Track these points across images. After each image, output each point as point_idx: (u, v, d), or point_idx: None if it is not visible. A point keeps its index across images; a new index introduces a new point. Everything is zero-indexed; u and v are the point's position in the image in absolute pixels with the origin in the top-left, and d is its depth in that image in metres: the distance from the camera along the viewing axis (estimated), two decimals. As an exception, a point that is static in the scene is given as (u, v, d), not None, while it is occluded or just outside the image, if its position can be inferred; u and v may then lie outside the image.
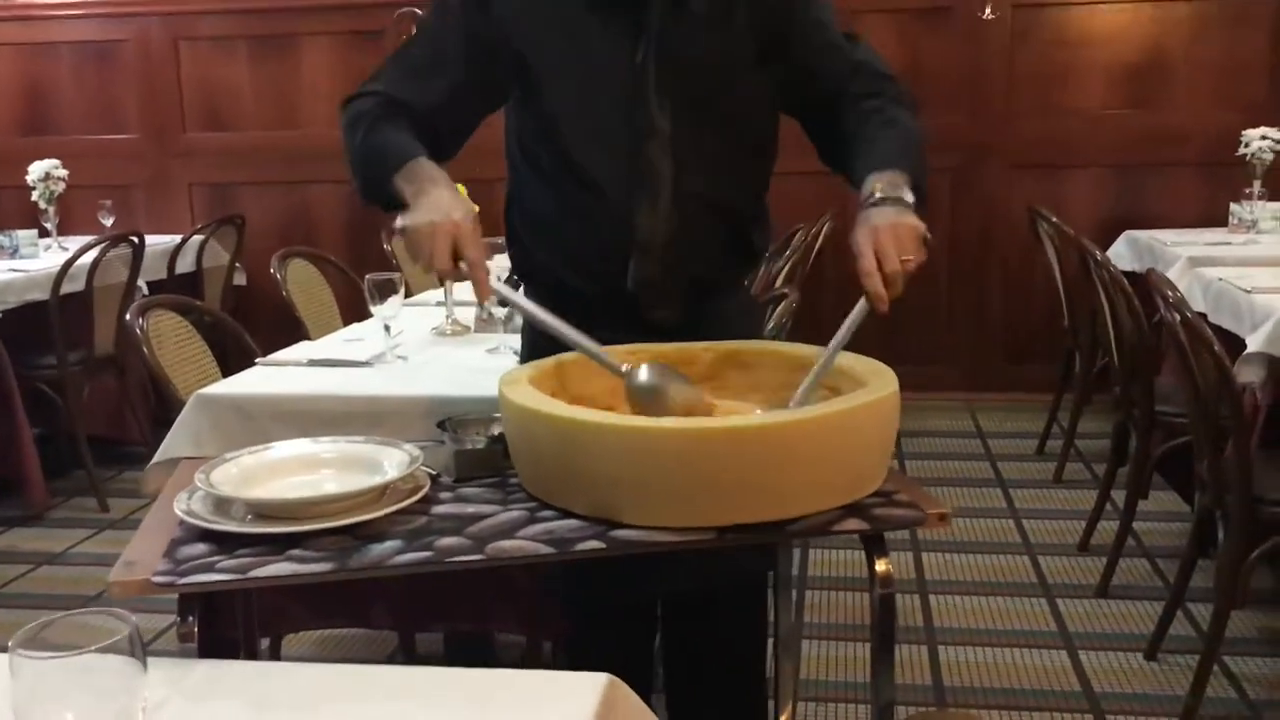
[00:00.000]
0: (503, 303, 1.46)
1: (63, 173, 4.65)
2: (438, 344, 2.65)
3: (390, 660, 2.68)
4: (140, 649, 0.80)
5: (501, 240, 1.86)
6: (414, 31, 1.72)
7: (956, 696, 2.59)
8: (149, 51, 5.32)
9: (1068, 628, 2.91)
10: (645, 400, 1.43)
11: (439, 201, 1.44)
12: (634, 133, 1.63)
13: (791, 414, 1.29)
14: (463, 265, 1.41)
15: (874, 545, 1.35)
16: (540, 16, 1.64)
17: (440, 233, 1.40)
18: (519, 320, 2.66)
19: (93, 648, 0.77)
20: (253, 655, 1.62)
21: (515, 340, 2.49)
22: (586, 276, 1.71)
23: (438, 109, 1.64)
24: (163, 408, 4.48)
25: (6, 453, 3.93)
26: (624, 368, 1.46)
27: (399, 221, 1.46)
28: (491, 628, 2.30)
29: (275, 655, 2.34)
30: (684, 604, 1.94)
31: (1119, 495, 3.26)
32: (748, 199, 1.77)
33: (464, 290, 3.00)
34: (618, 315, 1.67)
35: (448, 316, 2.77)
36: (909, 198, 1.47)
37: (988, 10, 4.76)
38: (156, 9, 5.27)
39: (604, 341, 1.51)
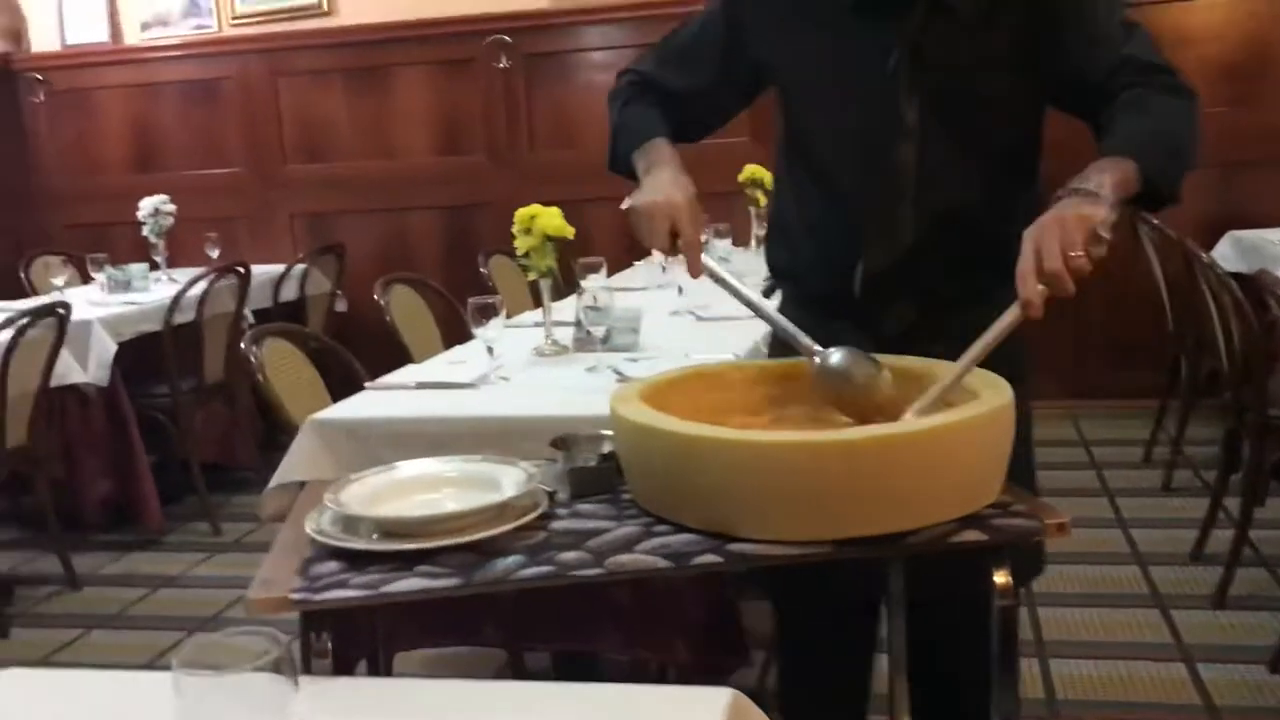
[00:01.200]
0: (714, 278, 1.54)
1: (171, 207, 4.81)
2: (538, 364, 2.68)
3: (498, 678, 2.72)
4: (293, 667, 0.83)
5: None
6: (681, 24, 1.81)
7: (1070, 710, 2.55)
8: (250, 88, 5.50)
9: (1183, 639, 2.84)
10: (834, 385, 1.49)
11: (661, 182, 1.54)
12: (883, 136, 1.64)
13: (906, 426, 1.29)
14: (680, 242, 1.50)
15: (993, 557, 1.34)
16: (793, 25, 1.68)
17: (659, 213, 1.50)
18: (616, 339, 2.70)
19: (252, 666, 0.80)
20: (376, 671, 1.66)
21: (613, 359, 2.53)
22: (824, 275, 1.75)
23: (686, 96, 1.75)
24: (272, 433, 4.63)
25: (124, 479, 4.08)
26: (815, 348, 1.50)
27: (626, 201, 1.56)
28: (600, 648, 2.32)
29: (388, 674, 2.38)
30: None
31: (1231, 503, 3.18)
32: (994, 211, 1.67)
33: (561, 310, 3.04)
34: (849, 319, 1.69)
35: (547, 337, 2.81)
36: (1101, 188, 1.39)
37: (1079, 12, 4.68)
38: (256, 46, 5.45)
39: (829, 343, 1.53)
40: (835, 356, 1.49)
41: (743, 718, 1.02)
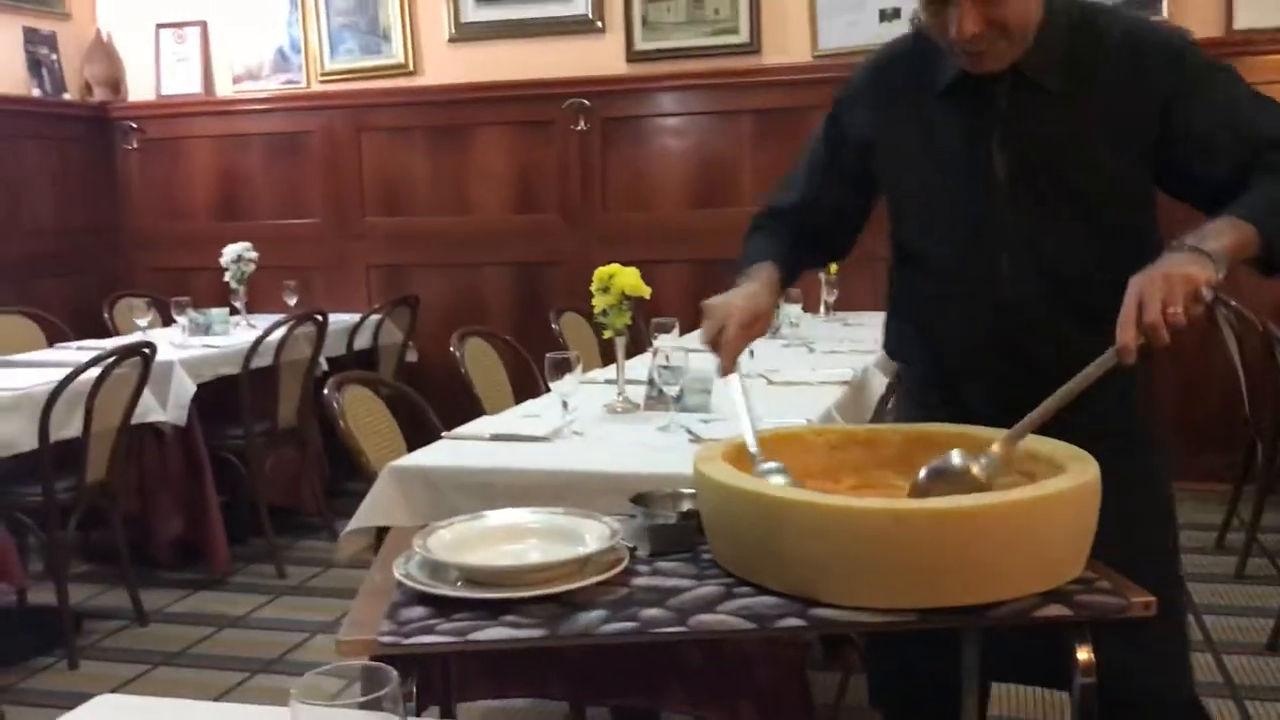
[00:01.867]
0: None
1: (253, 255, 4.93)
2: (610, 421, 2.71)
3: (557, 733, 2.71)
4: (401, 704, 0.85)
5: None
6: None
7: (1141, 799, 2.48)
8: (333, 142, 5.65)
9: (1260, 732, 2.77)
10: None
11: (735, 293, 1.67)
12: (974, 215, 1.68)
13: (995, 498, 1.30)
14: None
15: (1075, 634, 1.33)
16: (893, 108, 1.76)
17: (715, 315, 1.62)
18: (688, 399, 2.72)
19: (366, 698, 0.82)
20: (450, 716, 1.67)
21: (685, 418, 2.55)
22: (927, 359, 1.81)
23: (807, 210, 1.87)
24: (338, 479, 4.70)
25: (195, 518, 4.15)
26: (758, 459, 1.52)
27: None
28: (663, 705, 2.31)
29: (452, 722, 2.39)
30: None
31: (1311, 593, 3.11)
32: (1096, 283, 1.61)
33: (634, 369, 3.07)
34: (938, 395, 1.73)
35: (619, 394, 2.84)
36: (1210, 245, 1.40)
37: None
38: (341, 102, 5.60)
39: (941, 415, 1.67)
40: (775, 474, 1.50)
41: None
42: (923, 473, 1.46)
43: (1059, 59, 1.62)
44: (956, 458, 1.44)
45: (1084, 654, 1.32)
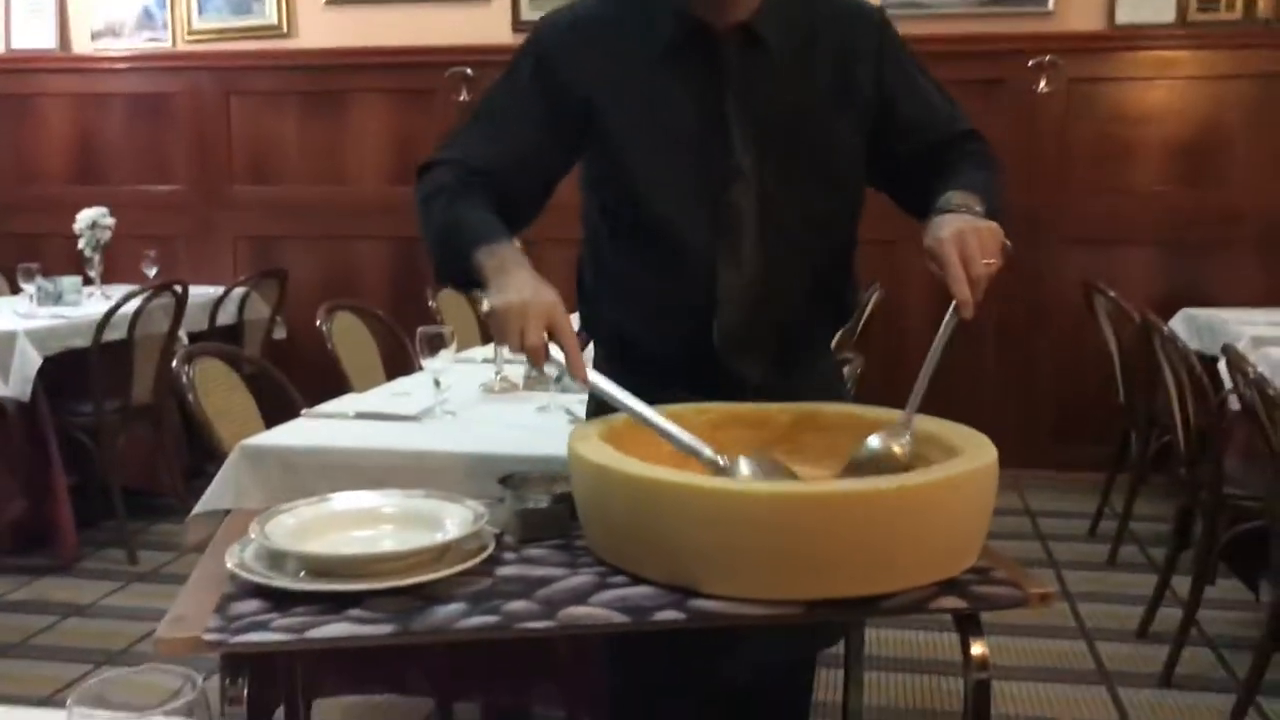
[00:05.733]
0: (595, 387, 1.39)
1: (110, 221, 4.64)
2: (486, 401, 2.59)
3: (424, 729, 2.57)
4: (206, 713, 0.72)
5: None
6: (485, 94, 1.67)
7: (1018, 789, 2.46)
8: (200, 105, 5.36)
9: (1130, 718, 2.77)
10: None
11: (526, 281, 1.37)
12: (716, 180, 1.58)
13: (887, 481, 1.20)
14: (553, 346, 1.34)
15: (969, 626, 1.25)
16: (612, 73, 1.58)
17: (533, 311, 1.33)
18: (569, 380, 2.60)
19: (159, 709, 0.69)
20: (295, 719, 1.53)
21: (565, 399, 2.44)
22: (666, 333, 1.64)
23: (511, 171, 1.58)
24: (199, 461, 4.45)
25: (39, 500, 3.88)
26: (721, 461, 1.34)
27: (486, 303, 1.39)
28: (532, 702, 2.19)
29: (307, 720, 2.24)
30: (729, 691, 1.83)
31: (1178, 580, 3.14)
32: (835, 251, 1.69)
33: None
34: (699, 374, 1.59)
35: (497, 373, 2.71)
36: (984, 209, 1.45)
37: (1043, 84, 4.72)
38: (209, 63, 5.32)
39: (684, 400, 1.49)
40: (744, 468, 1.35)
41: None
42: (844, 469, 1.39)
43: (782, 21, 1.57)
44: (876, 441, 1.38)
45: (979, 648, 1.24)
